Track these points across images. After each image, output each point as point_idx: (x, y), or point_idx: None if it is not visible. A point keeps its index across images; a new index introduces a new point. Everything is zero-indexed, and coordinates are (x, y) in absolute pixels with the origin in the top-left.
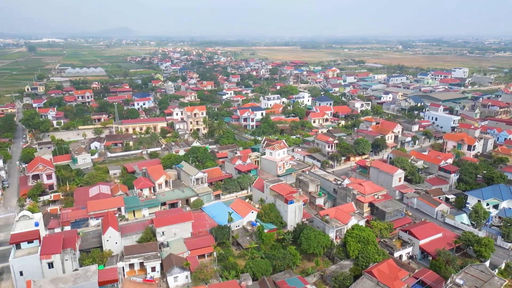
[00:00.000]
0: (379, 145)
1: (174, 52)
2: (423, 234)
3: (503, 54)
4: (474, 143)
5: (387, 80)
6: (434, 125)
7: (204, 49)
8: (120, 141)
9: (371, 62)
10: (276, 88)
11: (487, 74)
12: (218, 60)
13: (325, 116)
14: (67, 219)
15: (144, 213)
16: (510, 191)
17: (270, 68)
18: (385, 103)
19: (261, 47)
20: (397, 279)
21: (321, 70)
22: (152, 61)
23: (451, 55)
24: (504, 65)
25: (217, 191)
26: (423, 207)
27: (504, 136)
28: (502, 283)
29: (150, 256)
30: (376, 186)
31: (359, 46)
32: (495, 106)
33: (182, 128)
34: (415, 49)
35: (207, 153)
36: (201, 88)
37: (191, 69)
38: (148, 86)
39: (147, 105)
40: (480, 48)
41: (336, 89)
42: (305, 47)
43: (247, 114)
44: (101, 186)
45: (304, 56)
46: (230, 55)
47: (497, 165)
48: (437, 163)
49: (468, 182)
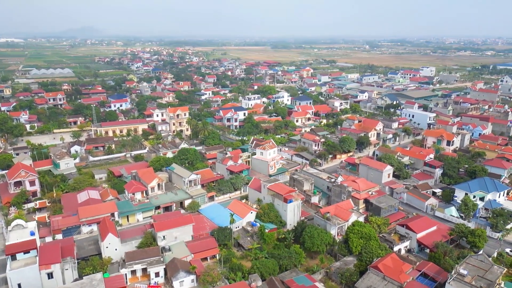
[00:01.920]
0: (363, 142)
1: (144, 52)
2: (419, 227)
3: (463, 53)
4: (452, 138)
5: (360, 79)
6: (412, 122)
7: (174, 49)
8: (102, 144)
9: (342, 62)
10: (254, 88)
11: (452, 72)
12: (190, 60)
13: (307, 115)
14: (58, 227)
15: (138, 218)
16: (494, 183)
17: (244, 68)
18: (361, 102)
19: (232, 47)
20: (402, 272)
21: (296, 70)
22: (122, 61)
23: (415, 55)
24: (466, 64)
25: (211, 192)
26: (413, 202)
27: (478, 131)
28: (501, 271)
29: (153, 261)
30: (369, 183)
31: (328, 46)
32: (466, 103)
33: (164, 130)
34: (381, 48)
35: (197, 155)
36: (178, 88)
37: (164, 70)
38: (122, 88)
39: (124, 106)
40: (442, 47)
41: (312, 89)
42: (275, 47)
43: (230, 114)
44: (90, 191)
45: (276, 56)
46: (201, 55)
47: (476, 159)
48: (422, 159)
49: (452, 176)
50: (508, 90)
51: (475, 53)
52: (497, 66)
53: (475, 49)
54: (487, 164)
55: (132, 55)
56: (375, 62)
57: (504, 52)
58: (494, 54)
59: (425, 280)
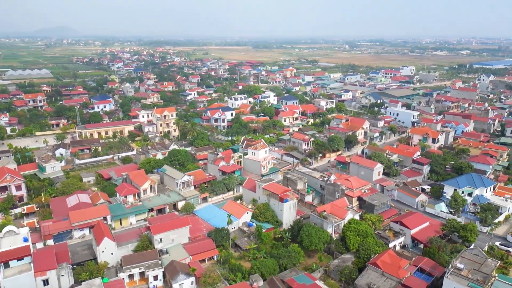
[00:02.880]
0: (351, 141)
1: (124, 52)
2: (413, 224)
3: (440, 53)
4: (437, 136)
5: (343, 79)
6: (396, 120)
7: (155, 49)
8: (87, 146)
9: (324, 62)
10: (238, 88)
11: (431, 71)
12: (172, 60)
13: (295, 115)
14: (49, 232)
15: (131, 221)
16: (481, 179)
17: (228, 68)
18: (346, 101)
19: (213, 47)
20: (400, 268)
21: (279, 70)
22: (101, 61)
23: (394, 54)
24: (443, 63)
25: (204, 193)
26: (404, 199)
27: (461, 129)
28: (495, 264)
29: (151, 264)
30: (361, 181)
31: (308, 46)
32: (447, 101)
33: (151, 131)
34: (361, 48)
35: (188, 156)
36: (162, 89)
37: (146, 70)
38: (104, 88)
39: (108, 108)
40: (419, 47)
41: (297, 88)
42: (257, 47)
43: (218, 115)
44: (80, 195)
45: (258, 56)
46: (183, 55)
47: (460, 156)
48: (411, 156)
49: (439, 173)
50: (486, 89)
51: (451, 52)
52: (473, 65)
53: (451, 48)
54: (472, 160)
55: (112, 55)
56: (356, 62)
57: (479, 51)
58: (469, 54)
59: (422, 275)
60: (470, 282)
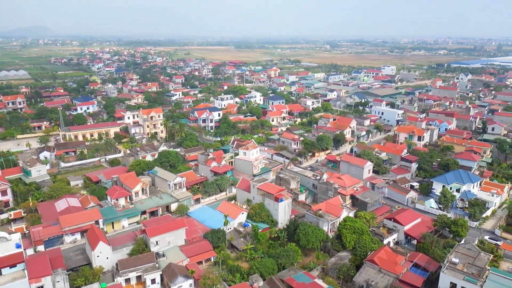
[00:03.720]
0: (340, 140)
1: (103, 52)
2: (406, 220)
3: (418, 52)
4: (423, 134)
5: (326, 79)
6: (381, 119)
7: (135, 49)
8: (73, 149)
9: (306, 62)
10: (224, 88)
11: (411, 71)
12: (154, 61)
13: (283, 115)
14: (40, 237)
15: (124, 224)
16: (468, 175)
17: (211, 68)
18: (331, 100)
19: (195, 47)
20: (396, 264)
21: (263, 70)
22: (81, 62)
23: (374, 54)
24: (422, 63)
25: (197, 195)
26: (394, 196)
27: (444, 127)
28: (488, 257)
29: (148, 268)
30: (353, 179)
31: (290, 46)
32: (430, 99)
33: (138, 132)
34: (342, 48)
35: (179, 157)
36: (146, 89)
37: (128, 70)
38: (85, 90)
39: (92, 109)
40: (398, 47)
41: (282, 88)
42: (238, 47)
43: (206, 115)
44: (69, 199)
45: (241, 56)
46: (164, 55)
47: (446, 153)
48: (399, 154)
49: (427, 170)
50: (465, 87)
51: (429, 52)
52: (451, 65)
53: (428, 48)
54: (458, 157)
55: (91, 55)
56: (338, 62)
57: (455, 51)
58: (446, 53)
59: (418, 270)
60: (466, 276)
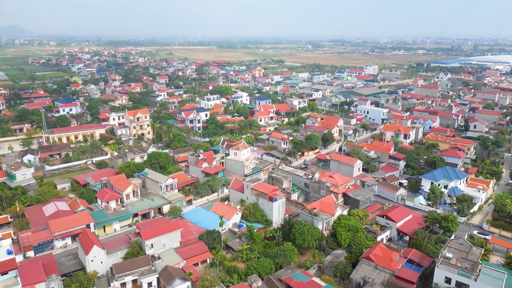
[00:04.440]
0: (328, 139)
1: (83, 52)
2: (398, 217)
3: (398, 52)
4: (409, 132)
5: (310, 78)
6: (367, 118)
7: (116, 49)
8: (57, 152)
9: (290, 61)
10: (209, 88)
11: (392, 70)
12: (136, 61)
13: (270, 115)
14: (29, 243)
15: (115, 227)
16: (455, 172)
17: (195, 68)
18: (316, 100)
19: (176, 47)
20: (392, 260)
21: (247, 70)
22: (60, 62)
23: (356, 54)
24: (403, 62)
25: (189, 196)
26: (384, 193)
27: (428, 125)
28: (480, 251)
29: (144, 271)
30: (345, 177)
31: (272, 46)
32: (413, 98)
33: (125, 134)
34: (324, 48)
35: (169, 158)
36: (130, 90)
37: (109, 71)
38: (66, 91)
39: (74, 111)
40: (378, 47)
41: (267, 88)
42: (221, 47)
43: (193, 116)
44: (57, 203)
45: (223, 56)
46: (146, 55)
47: (431, 151)
48: (387, 152)
49: (414, 167)
50: (445, 86)
51: (408, 52)
52: (431, 64)
53: (407, 48)
54: (443, 154)
55: (71, 55)
56: (321, 62)
57: (433, 50)
58: (425, 53)
59: (412, 266)
60: (460, 270)
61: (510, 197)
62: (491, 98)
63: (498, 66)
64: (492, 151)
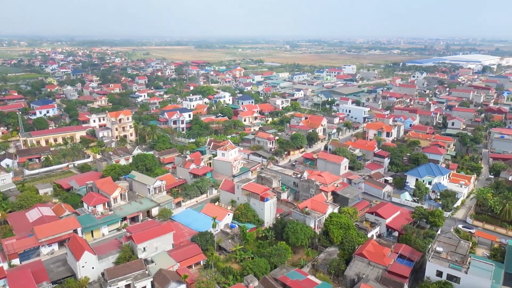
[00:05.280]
0: (313, 138)
1: (56, 53)
2: (387, 213)
3: (374, 52)
4: (391, 130)
5: (291, 78)
6: (349, 116)
7: (90, 49)
8: (37, 155)
9: (269, 61)
10: (190, 88)
11: (370, 70)
12: (113, 61)
13: (254, 114)
14: (14, 250)
15: (104, 232)
16: (438, 168)
17: (174, 68)
18: (298, 99)
19: (153, 47)
20: (384, 256)
21: (227, 70)
22: (32, 63)
23: (333, 54)
24: (379, 62)
25: (178, 198)
26: (371, 190)
27: (409, 123)
28: (468, 245)
29: (138, 275)
30: (333, 176)
31: (251, 46)
32: (393, 97)
33: (106, 136)
34: (301, 48)
35: (156, 160)
36: (109, 91)
37: (85, 71)
38: (42, 92)
39: (52, 113)
40: (354, 47)
41: (249, 88)
42: (199, 46)
43: (176, 116)
44: (41, 208)
45: (202, 56)
46: (123, 55)
47: (413, 148)
48: (372, 150)
49: (398, 164)
50: (422, 85)
51: (383, 51)
52: (406, 63)
53: (383, 48)
54: (426, 151)
55: (43, 56)
56: (299, 61)
57: (408, 50)
58: (400, 53)
59: (404, 261)
60: (451, 263)
61: (491, 192)
62: (466, 96)
63: (470, 65)
64: (470, 148)
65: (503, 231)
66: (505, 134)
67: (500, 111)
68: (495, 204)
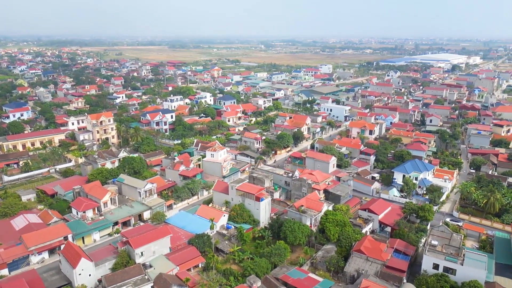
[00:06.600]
0: (298, 137)
1: (23, 53)
2: (379, 209)
3: (347, 51)
4: (374, 128)
5: (269, 78)
6: (331, 115)
7: (59, 50)
8: (15, 161)
9: (246, 61)
10: (168, 89)
11: (345, 69)
12: (85, 62)
13: (238, 115)
14: (3, 260)
15: (95, 238)
16: (424, 164)
17: (150, 69)
18: (279, 99)
19: (125, 46)
20: (381, 251)
21: (205, 70)
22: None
23: (308, 54)
24: (353, 61)
25: (169, 200)
26: (360, 187)
27: (389, 120)
28: (460, 237)
29: (137, 281)
30: (324, 174)
31: (225, 46)
32: (371, 96)
33: (87, 139)
34: (276, 48)
35: (144, 163)
36: (84, 93)
37: (57, 72)
38: (13, 95)
39: (26, 116)
40: (327, 47)
41: (228, 88)
42: (173, 46)
43: (159, 118)
44: (26, 215)
45: (177, 56)
46: (94, 55)
47: (396, 145)
48: (358, 148)
49: (384, 161)
50: (397, 83)
51: (356, 51)
52: (380, 63)
53: (355, 47)
54: (409, 148)
55: (10, 57)
56: (275, 61)
57: (379, 50)
58: (372, 52)
59: (399, 255)
60: (446, 256)
61: (474, 186)
62: (439, 94)
63: (440, 64)
64: (450, 144)
65: (488, 223)
66: (482, 130)
67: (474, 108)
68: (479, 198)
